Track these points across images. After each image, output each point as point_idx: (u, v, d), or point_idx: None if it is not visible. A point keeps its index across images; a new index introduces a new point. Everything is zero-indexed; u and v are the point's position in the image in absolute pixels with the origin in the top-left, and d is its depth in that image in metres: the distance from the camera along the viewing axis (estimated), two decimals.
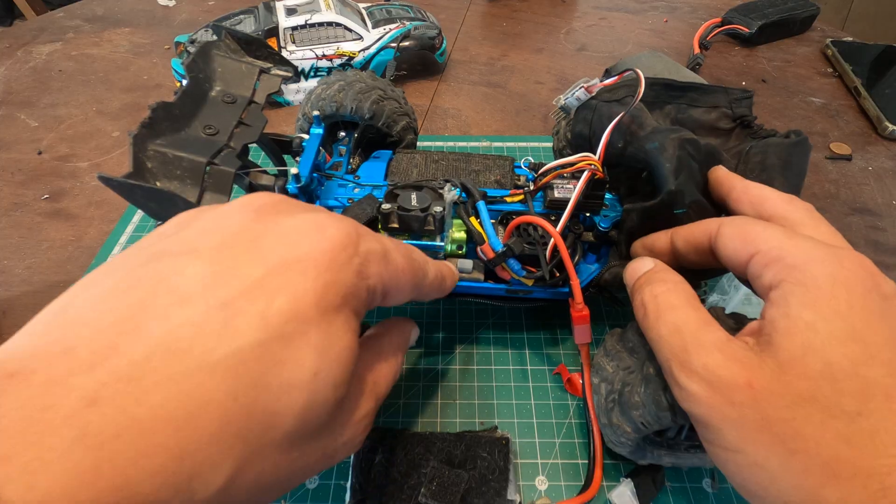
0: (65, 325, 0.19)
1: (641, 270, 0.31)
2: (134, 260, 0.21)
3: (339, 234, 0.23)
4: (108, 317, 0.19)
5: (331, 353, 0.22)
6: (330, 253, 0.22)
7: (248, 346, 0.19)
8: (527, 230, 0.36)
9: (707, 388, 0.24)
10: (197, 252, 0.21)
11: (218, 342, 0.19)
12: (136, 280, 0.20)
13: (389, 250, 0.26)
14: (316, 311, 0.21)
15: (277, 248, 0.22)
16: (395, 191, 0.37)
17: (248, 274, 0.21)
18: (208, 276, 0.20)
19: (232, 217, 0.23)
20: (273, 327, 0.20)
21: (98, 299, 0.20)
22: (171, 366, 0.18)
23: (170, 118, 0.32)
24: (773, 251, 0.25)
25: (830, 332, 0.22)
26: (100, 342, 0.18)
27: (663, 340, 0.27)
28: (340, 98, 0.43)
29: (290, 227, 0.23)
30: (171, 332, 0.19)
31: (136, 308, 0.19)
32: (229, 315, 0.20)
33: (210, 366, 0.19)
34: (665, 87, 0.40)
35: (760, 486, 0.23)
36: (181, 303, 0.19)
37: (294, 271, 0.21)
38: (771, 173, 0.35)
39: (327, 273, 0.22)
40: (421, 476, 0.35)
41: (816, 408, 0.22)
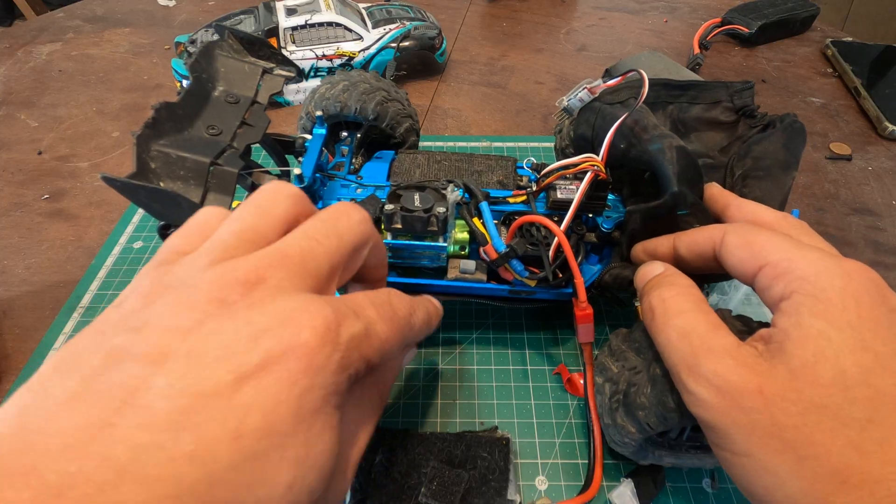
0: (28, 438, 0.17)
1: (651, 274, 0.31)
2: (100, 356, 0.20)
3: (314, 332, 0.21)
4: (72, 434, 0.17)
5: (307, 462, 0.20)
6: (306, 356, 0.20)
7: (220, 471, 0.18)
8: (529, 231, 0.36)
9: (716, 392, 0.24)
10: (163, 361, 0.19)
11: (188, 469, 0.18)
12: (102, 388, 0.19)
13: (372, 324, 0.24)
14: (293, 423, 0.20)
15: (248, 354, 0.20)
16: (398, 191, 0.37)
17: (218, 389, 0.19)
18: (174, 394, 0.19)
19: (198, 311, 0.21)
20: (247, 448, 0.19)
21: (61, 408, 0.18)
22: (141, 494, 0.17)
23: (173, 118, 0.32)
24: (782, 263, 0.26)
25: (842, 341, 0.23)
26: (65, 463, 0.17)
27: (672, 345, 0.27)
28: (344, 98, 0.43)
29: (261, 326, 0.20)
30: (140, 459, 0.17)
31: (103, 426, 0.18)
32: (199, 437, 0.18)
33: (181, 494, 0.17)
34: (665, 87, 0.40)
35: (767, 490, 0.23)
36: (148, 426, 0.18)
37: (267, 381, 0.20)
38: (769, 173, 0.35)
39: (304, 379, 0.20)
40: (421, 476, 0.35)
41: (828, 415, 0.22)
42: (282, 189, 0.26)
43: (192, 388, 0.19)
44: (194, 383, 0.19)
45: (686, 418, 0.28)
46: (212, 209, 0.27)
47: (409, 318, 0.27)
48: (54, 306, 0.48)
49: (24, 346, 0.46)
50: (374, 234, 0.28)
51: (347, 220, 0.26)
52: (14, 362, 0.45)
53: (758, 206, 0.32)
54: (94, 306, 0.48)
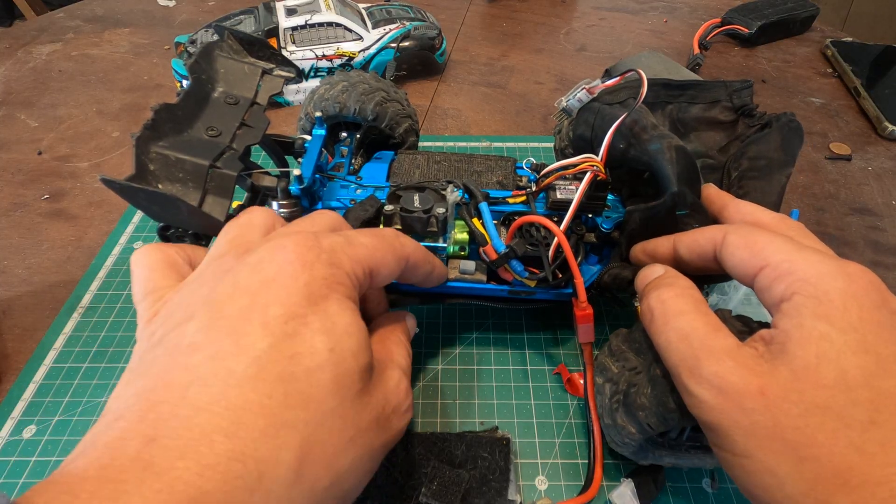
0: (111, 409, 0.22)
1: (652, 276, 0.32)
2: (142, 350, 0.25)
3: (296, 244, 0.25)
4: (142, 388, 0.22)
5: (337, 330, 0.24)
6: (297, 260, 0.25)
7: (262, 353, 0.22)
8: (529, 231, 0.36)
9: (717, 394, 0.24)
10: (191, 316, 0.24)
11: (235, 361, 0.22)
12: (153, 359, 0.23)
13: (352, 236, 0.28)
14: (308, 305, 0.24)
15: (252, 276, 0.24)
16: (398, 192, 0.37)
17: (238, 306, 0.24)
18: (206, 324, 0.23)
19: (205, 287, 0.26)
20: (277, 331, 0.23)
21: (129, 384, 0.23)
22: (206, 393, 0.21)
23: (172, 120, 0.32)
24: (783, 264, 0.26)
25: (844, 343, 0.23)
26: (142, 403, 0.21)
27: (671, 346, 0.27)
28: (344, 99, 0.43)
29: (256, 260, 0.25)
30: (196, 372, 0.22)
31: (162, 373, 0.22)
32: (236, 338, 0.22)
33: (237, 381, 0.21)
34: (664, 87, 0.40)
35: (768, 491, 0.23)
36: (194, 351, 0.22)
37: (274, 285, 0.24)
38: (764, 173, 0.36)
39: (302, 275, 0.24)
40: (422, 476, 0.35)
41: (830, 416, 0.22)
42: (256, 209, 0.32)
43: (217, 315, 0.23)
44: (217, 312, 0.24)
45: (686, 419, 0.28)
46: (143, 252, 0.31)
47: (397, 237, 0.30)
48: (54, 306, 0.48)
49: (24, 346, 0.46)
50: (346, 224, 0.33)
51: (320, 214, 0.32)
52: (14, 362, 0.45)
53: (755, 207, 0.32)
54: (94, 306, 0.48)
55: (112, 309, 0.48)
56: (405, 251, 0.30)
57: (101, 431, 0.21)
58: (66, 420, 0.40)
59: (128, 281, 0.50)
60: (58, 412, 0.41)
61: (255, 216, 0.31)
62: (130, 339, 0.45)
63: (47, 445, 0.39)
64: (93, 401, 0.41)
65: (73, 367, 0.43)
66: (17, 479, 0.37)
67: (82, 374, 0.43)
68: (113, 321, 0.47)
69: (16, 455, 0.38)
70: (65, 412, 0.41)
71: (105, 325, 0.46)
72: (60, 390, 0.42)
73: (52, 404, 0.41)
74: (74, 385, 0.42)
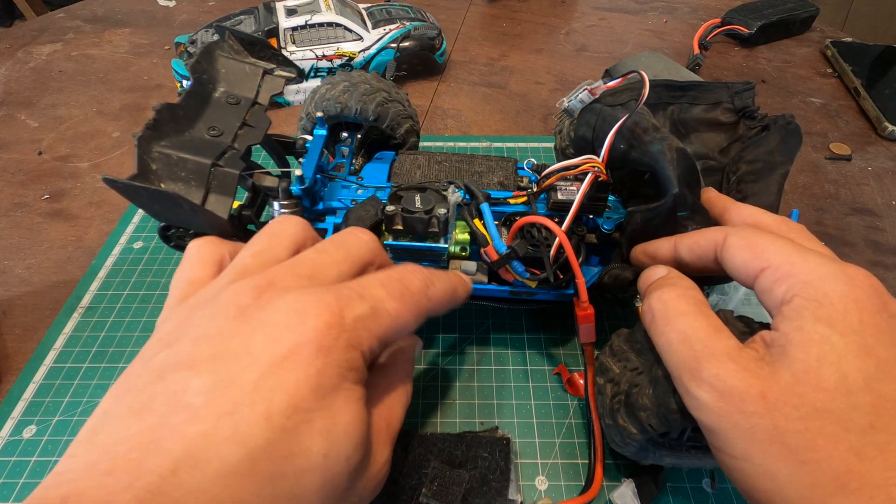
0: (99, 449, 0.21)
1: (654, 277, 0.32)
2: (145, 376, 0.23)
3: (319, 319, 0.24)
4: (134, 438, 0.21)
5: (337, 431, 0.23)
6: (315, 341, 0.23)
7: (259, 448, 0.21)
8: (530, 232, 0.36)
9: (718, 397, 0.24)
10: (196, 366, 0.23)
11: (230, 449, 0.21)
12: (150, 398, 0.22)
13: (379, 303, 0.26)
14: (314, 399, 0.23)
15: (266, 347, 0.23)
16: (399, 192, 0.37)
17: (245, 380, 0.22)
18: (211, 389, 0.22)
19: (220, 320, 0.24)
20: (277, 425, 0.22)
21: (121, 421, 0.22)
22: (195, 477, 0.20)
23: (174, 119, 0.32)
24: (783, 266, 0.26)
25: (845, 346, 0.23)
26: (131, 462, 0.20)
27: (672, 348, 0.27)
28: (345, 99, 0.43)
29: (272, 322, 0.24)
30: (190, 447, 0.21)
31: (155, 428, 0.21)
32: (236, 423, 0.21)
33: (228, 472, 0.21)
34: (666, 88, 0.40)
35: (767, 495, 0.23)
36: (192, 419, 0.21)
37: (285, 368, 0.23)
38: (763, 175, 0.36)
39: (317, 360, 0.23)
40: (422, 476, 0.35)
41: (830, 420, 0.22)
42: (289, 218, 0.30)
43: (222, 383, 0.22)
44: (223, 379, 0.22)
45: (688, 419, 0.28)
46: (203, 242, 0.31)
47: (425, 292, 0.29)
48: (54, 306, 0.48)
49: (24, 346, 0.46)
50: (382, 253, 0.31)
51: (354, 237, 0.30)
52: (14, 362, 0.45)
53: (756, 209, 0.32)
54: (94, 306, 0.48)
55: (112, 309, 0.48)
56: (430, 305, 0.29)
57: (90, 466, 0.20)
58: (66, 420, 0.40)
59: (127, 281, 0.50)
60: (58, 412, 0.41)
61: (287, 227, 0.30)
62: (130, 338, 0.45)
63: (47, 445, 0.39)
64: (93, 401, 0.41)
65: (73, 367, 0.43)
66: (17, 479, 0.37)
67: (82, 374, 0.43)
68: (113, 321, 0.47)
69: (16, 455, 0.38)
70: (65, 412, 0.41)
71: (105, 325, 0.46)
72: (60, 390, 0.42)
73: (52, 404, 0.41)
74: (74, 385, 0.42)
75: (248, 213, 0.36)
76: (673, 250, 0.32)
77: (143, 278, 0.50)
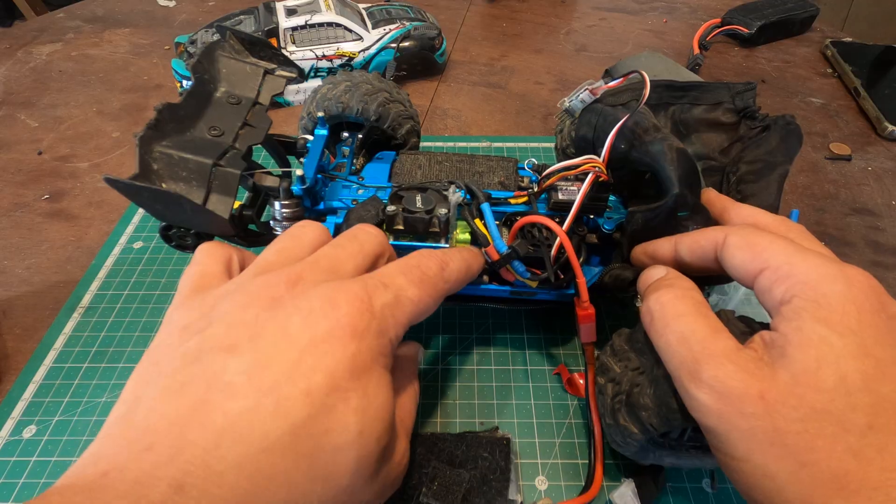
0: (138, 427, 0.22)
1: (653, 277, 0.32)
2: (177, 361, 0.24)
3: (351, 306, 0.25)
4: (174, 415, 0.22)
5: (370, 411, 0.24)
6: (349, 326, 0.25)
7: (300, 423, 0.22)
8: (531, 232, 0.36)
9: (717, 398, 0.24)
10: (235, 348, 0.24)
11: (273, 424, 0.22)
12: (188, 380, 0.23)
13: (401, 291, 0.28)
14: (350, 379, 0.24)
15: (303, 330, 0.24)
16: (400, 192, 0.37)
17: (285, 359, 0.23)
18: (251, 369, 0.23)
19: (254, 308, 0.25)
20: (317, 402, 0.23)
21: (159, 401, 0.23)
22: (238, 450, 0.21)
23: (175, 119, 0.32)
24: (783, 267, 0.26)
25: (844, 347, 0.23)
26: (173, 437, 0.21)
27: (671, 349, 0.27)
28: (346, 99, 0.43)
29: (308, 308, 0.25)
30: (233, 422, 0.21)
31: (196, 405, 0.22)
32: (278, 399, 0.22)
33: (270, 445, 0.21)
34: (667, 88, 0.40)
35: (766, 495, 0.24)
36: (234, 396, 0.22)
37: (323, 349, 0.24)
38: (763, 176, 0.36)
39: (351, 343, 0.24)
40: (422, 476, 0.35)
41: (829, 420, 0.22)
42: (309, 223, 0.32)
43: (262, 362, 0.23)
44: (262, 358, 0.23)
45: (688, 419, 0.28)
46: (211, 243, 0.32)
47: (441, 274, 0.30)
48: (54, 306, 0.48)
49: (24, 346, 0.46)
50: (389, 246, 0.33)
51: (364, 232, 0.31)
52: (14, 362, 0.45)
53: (756, 210, 0.32)
54: (94, 306, 0.48)
55: (112, 309, 0.48)
56: (448, 286, 0.31)
57: (130, 444, 0.21)
58: (66, 420, 0.40)
59: (127, 281, 0.50)
60: (58, 412, 0.41)
61: (307, 231, 0.31)
62: (130, 338, 0.45)
63: (47, 445, 0.39)
64: (93, 401, 0.41)
65: (73, 367, 0.43)
66: (17, 479, 0.37)
67: (82, 374, 0.43)
68: (113, 321, 0.47)
69: (16, 455, 0.38)
70: (65, 412, 0.41)
71: (105, 325, 0.46)
72: (60, 390, 0.42)
73: (52, 404, 0.41)
74: (74, 385, 0.42)
75: (250, 212, 0.36)
76: (673, 250, 0.33)
77: (143, 278, 0.50)
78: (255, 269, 0.29)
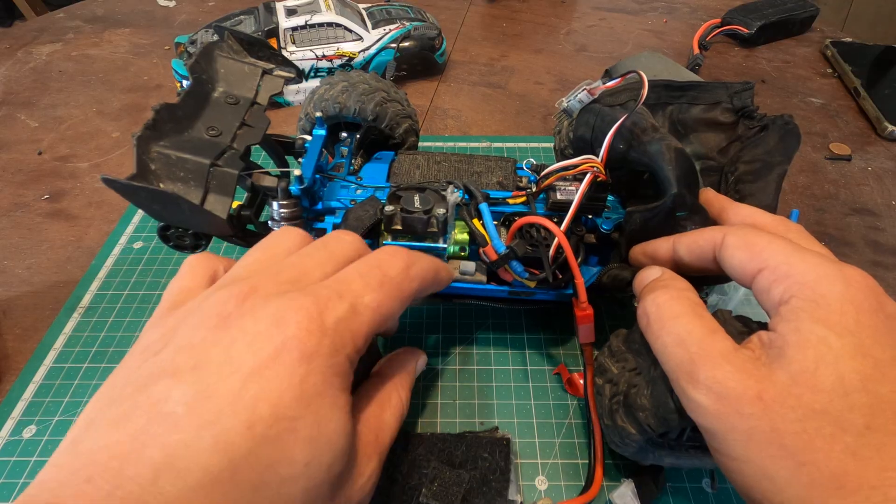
0: (82, 458, 0.21)
1: (649, 278, 0.32)
2: (129, 386, 0.23)
3: (298, 326, 0.24)
4: (115, 447, 0.21)
5: (320, 440, 0.23)
6: (297, 347, 0.23)
7: (240, 457, 0.21)
8: (529, 232, 0.36)
9: (715, 399, 0.24)
10: (178, 374, 0.22)
11: (212, 459, 0.21)
12: (132, 409, 0.22)
13: (357, 299, 0.26)
14: (298, 406, 0.23)
15: (247, 355, 0.23)
16: (398, 192, 0.37)
17: (227, 389, 0.22)
18: (192, 399, 0.22)
19: (203, 330, 0.24)
20: (260, 434, 0.21)
21: (104, 430, 0.22)
22: (177, 485, 0.20)
23: (173, 119, 0.32)
24: (781, 267, 0.26)
25: (842, 347, 0.23)
26: (112, 471, 0.20)
27: (668, 350, 0.27)
28: (344, 99, 0.43)
29: (253, 331, 0.24)
30: (171, 456, 0.20)
31: (136, 437, 0.21)
32: (217, 432, 0.21)
33: (210, 481, 0.20)
34: (665, 88, 0.40)
35: (765, 496, 0.23)
36: (173, 429, 0.21)
37: (268, 376, 0.22)
38: (761, 176, 0.36)
39: (300, 367, 0.23)
40: (422, 476, 0.35)
41: (827, 420, 0.22)
42: (287, 229, 0.31)
43: (204, 392, 0.22)
44: (205, 388, 0.22)
45: (686, 420, 0.27)
46: (198, 255, 0.31)
47: (406, 273, 0.29)
48: (54, 306, 0.48)
49: (24, 347, 0.46)
50: (367, 251, 0.31)
51: (337, 241, 0.30)
52: (14, 362, 0.45)
53: (754, 210, 0.32)
54: (94, 306, 0.48)
55: (112, 309, 0.48)
56: (414, 286, 0.29)
57: (73, 475, 0.20)
58: (66, 420, 0.40)
59: (127, 281, 0.50)
60: (58, 412, 0.41)
61: (282, 240, 0.30)
62: (130, 339, 0.45)
63: (47, 445, 0.39)
64: None
65: (73, 367, 0.43)
66: (17, 479, 0.37)
67: (82, 374, 0.43)
68: (113, 321, 0.47)
69: (16, 455, 0.38)
70: (65, 412, 0.41)
71: (105, 325, 0.46)
72: (60, 390, 0.42)
73: (52, 404, 0.41)
74: (74, 385, 0.42)
75: (248, 212, 0.36)
76: (671, 250, 0.32)
77: (143, 278, 0.50)
78: (221, 282, 0.28)
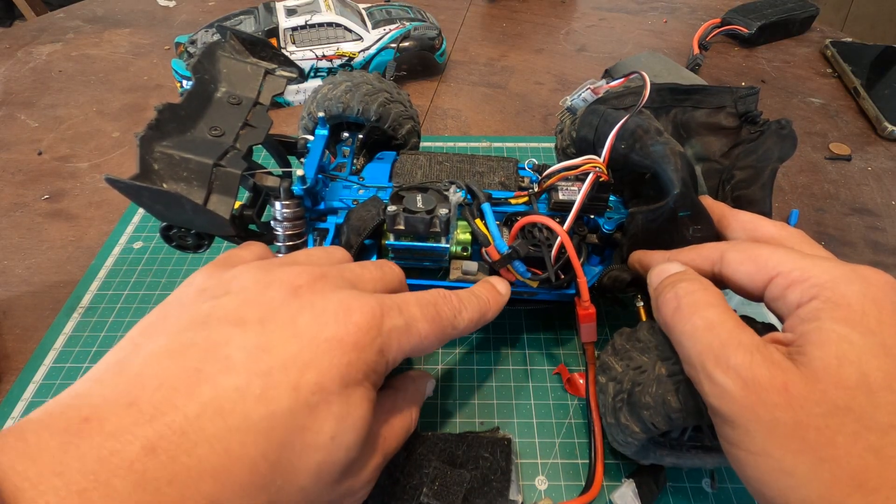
0: (128, 380, 0.22)
1: (671, 270, 0.31)
2: (185, 320, 0.25)
3: (363, 318, 0.26)
4: (165, 376, 0.22)
5: (348, 420, 0.25)
6: (355, 335, 0.25)
7: (280, 412, 0.23)
8: (532, 232, 0.36)
9: (742, 385, 0.24)
10: (243, 324, 0.25)
11: (256, 407, 0.22)
12: (189, 343, 0.24)
13: (413, 322, 0.28)
14: (339, 385, 0.24)
15: (311, 327, 0.25)
16: (401, 192, 0.37)
17: (285, 349, 0.24)
18: (252, 348, 0.24)
19: (273, 291, 0.26)
20: (302, 397, 0.23)
21: (155, 358, 0.23)
22: (217, 424, 0.21)
23: (176, 119, 0.32)
24: (794, 272, 0.26)
25: (864, 345, 0.23)
26: (158, 398, 0.21)
27: (697, 334, 0.26)
28: (347, 99, 0.43)
29: (322, 308, 0.26)
30: (219, 396, 0.22)
31: (189, 371, 0.22)
32: (267, 384, 0.23)
33: (247, 427, 0.22)
34: (670, 92, 0.40)
35: (782, 492, 0.23)
36: (228, 370, 0.23)
37: (323, 350, 0.24)
38: (755, 181, 0.36)
39: (351, 353, 0.25)
40: (423, 476, 0.35)
41: (851, 418, 0.22)
42: (338, 248, 0.34)
43: (265, 345, 0.24)
44: (266, 342, 0.24)
45: (691, 418, 0.28)
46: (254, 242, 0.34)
47: (453, 320, 0.31)
48: (54, 306, 0.48)
49: (24, 347, 0.46)
50: (406, 287, 0.34)
51: (390, 268, 0.33)
52: (14, 362, 0.45)
53: (754, 216, 0.32)
54: (95, 306, 0.48)
55: (112, 309, 0.48)
56: (455, 333, 0.31)
57: (117, 395, 0.21)
58: None
59: (127, 281, 0.50)
60: None
61: (336, 250, 0.33)
62: None
63: None
64: None
65: (73, 368, 0.43)
66: None
67: (82, 375, 0.42)
68: (113, 321, 0.47)
69: None
70: None
71: (105, 325, 0.46)
72: (60, 390, 0.41)
73: None
74: None
75: (250, 213, 0.36)
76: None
77: (143, 278, 0.50)
78: (284, 261, 0.30)
